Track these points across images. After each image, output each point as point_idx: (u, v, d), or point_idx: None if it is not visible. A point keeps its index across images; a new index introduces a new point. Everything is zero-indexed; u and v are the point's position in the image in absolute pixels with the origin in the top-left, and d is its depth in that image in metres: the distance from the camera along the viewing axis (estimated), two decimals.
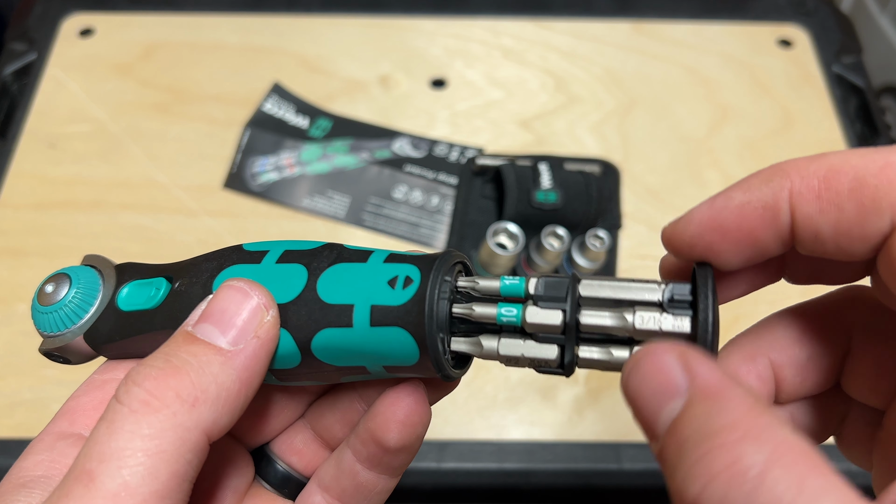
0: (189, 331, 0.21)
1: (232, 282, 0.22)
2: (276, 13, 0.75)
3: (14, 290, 0.58)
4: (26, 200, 0.62)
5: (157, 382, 0.19)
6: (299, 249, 0.24)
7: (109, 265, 0.26)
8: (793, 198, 0.19)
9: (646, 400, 0.17)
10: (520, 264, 0.58)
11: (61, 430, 0.22)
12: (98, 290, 0.25)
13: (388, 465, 0.25)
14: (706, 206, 0.20)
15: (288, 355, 0.22)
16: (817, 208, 0.18)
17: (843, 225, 0.18)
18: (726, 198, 0.20)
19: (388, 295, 0.21)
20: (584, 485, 0.51)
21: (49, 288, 0.24)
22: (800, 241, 0.19)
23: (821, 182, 0.18)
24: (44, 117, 0.67)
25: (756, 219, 0.19)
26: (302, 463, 0.27)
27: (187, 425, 0.19)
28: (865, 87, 0.71)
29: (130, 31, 0.73)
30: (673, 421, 0.17)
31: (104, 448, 0.18)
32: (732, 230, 0.20)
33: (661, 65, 0.73)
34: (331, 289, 0.22)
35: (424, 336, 0.21)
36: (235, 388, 0.20)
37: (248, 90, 0.69)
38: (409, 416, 0.24)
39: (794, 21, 0.77)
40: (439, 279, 0.21)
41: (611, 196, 0.63)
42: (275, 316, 0.22)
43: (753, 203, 0.19)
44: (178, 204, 0.62)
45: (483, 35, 0.75)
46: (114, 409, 0.19)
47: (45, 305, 0.24)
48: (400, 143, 0.67)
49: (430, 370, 0.22)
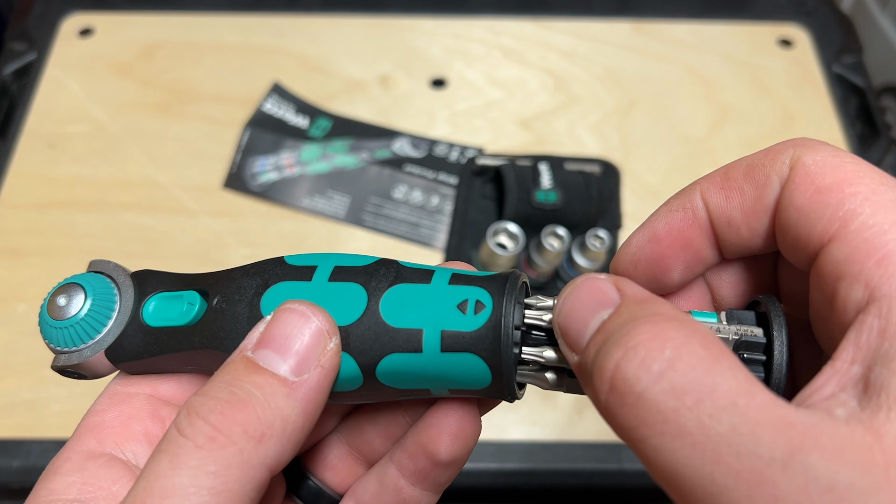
0: (250, 357, 0.20)
1: (291, 304, 0.21)
2: (276, 13, 0.75)
3: (14, 290, 0.58)
4: (26, 200, 0.62)
5: (223, 417, 0.18)
6: (352, 266, 0.23)
7: (124, 273, 0.24)
8: (703, 194, 0.21)
9: (577, 315, 0.19)
10: (520, 264, 0.58)
11: (89, 448, 0.21)
12: (115, 301, 0.23)
13: (434, 479, 0.24)
14: (638, 228, 0.23)
15: (350, 379, 0.21)
16: (724, 196, 0.21)
17: (746, 204, 0.20)
18: (653, 215, 0.22)
19: (460, 320, 0.21)
20: (584, 485, 0.51)
21: (61, 300, 0.23)
22: (720, 235, 0.21)
23: (721, 176, 0.21)
24: (43, 117, 0.67)
25: (680, 220, 0.21)
26: (336, 479, 0.26)
27: (253, 462, 0.18)
28: (866, 87, 0.71)
29: (130, 31, 0.73)
30: (602, 322, 0.18)
31: (167, 483, 0.17)
32: (665, 237, 0.22)
33: (662, 65, 0.73)
34: (396, 311, 0.21)
35: (500, 363, 0.20)
36: (300, 421, 0.19)
37: (247, 90, 0.69)
38: (461, 429, 0.23)
39: (795, 21, 0.76)
40: (513, 304, 0.21)
41: (611, 196, 0.63)
42: (337, 343, 0.21)
43: (674, 209, 0.22)
44: (178, 204, 0.62)
45: (483, 35, 0.75)
46: (176, 442, 0.18)
47: (59, 319, 0.22)
48: (400, 142, 0.66)
49: (498, 393, 0.22)
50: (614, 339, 0.17)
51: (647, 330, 0.17)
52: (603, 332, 0.18)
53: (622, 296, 0.19)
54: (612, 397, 0.17)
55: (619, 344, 0.17)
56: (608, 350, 0.17)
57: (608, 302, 0.19)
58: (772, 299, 0.21)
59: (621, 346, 0.17)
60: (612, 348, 0.17)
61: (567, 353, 0.19)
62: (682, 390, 0.16)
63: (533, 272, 0.58)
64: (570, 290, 0.20)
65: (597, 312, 0.19)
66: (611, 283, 0.19)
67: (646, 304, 0.18)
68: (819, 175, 0.19)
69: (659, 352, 0.16)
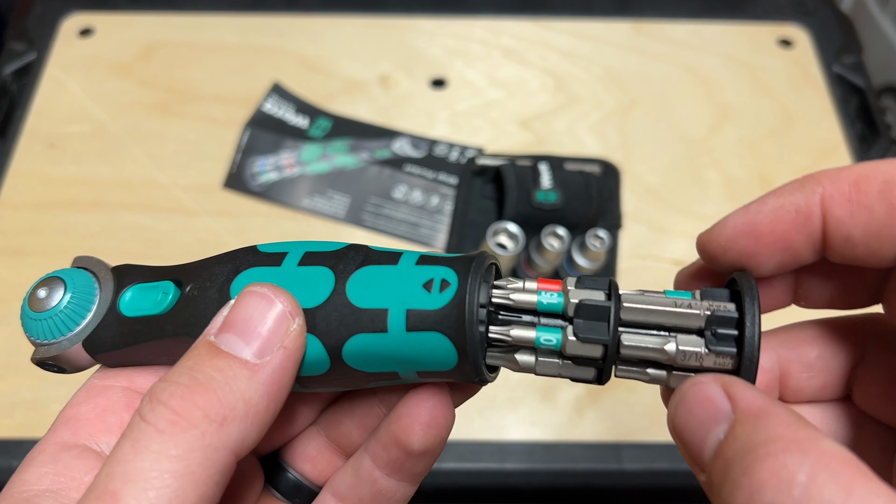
0: (212, 341, 0.20)
1: (254, 287, 0.21)
2: (276, 13, 0.75)
3: (14, 290, 0.58)
4: (26, 200, 0.62)
5: (184, 401, 0.18)
6: (322, 251, 0.22)
7: (105, 267, 0.24)
8: (825, 202, 0.19)
9: (693, 430, 0.18)
10: (520, 264, 0.58)
11: (63, 440, 0.21)
12: (94, 294, 0.23)
13: (409, 470, 0.24)
14: (740, 212, 0.21)
15: (316, 362, 0.21)
16: (848, 211, 0.19)
17: (872, 226, 0.19)
18: (760, 203, 0.20)
19: (425, 299, 0.20)
20: (584, 485, 0.51)
21: (42, 293, 0.23)
22: (831, 246, 0.20)
23: (851, 186, 0.19)
24: (43, 117, 0.67)
25: (789, 222, 0.20)
26: (315, 471, 0.26)
27: (216, 446, 0.18)
28: (866, 87, 0.71)
29: (130, 31, 0.73)
30: (719, 443, 0.17)
31: (129, 468, 0.17)
32: (766, 234, 0.20)
33: (662, 65, 0.73)
34: (362, 292, 0.21)
35: (465, 341, 0.20)
36: (263, 403, 0.19)
37: (247, 90, 0.69)
38: (433, 418, 0.23)
39: (795, 21, 0.76)
40: (478, 282, 0.20)
41: (611, 196, 0.63)
42: (301, 324, 0.21)
43: (787, 207, 0.20)
44: (178, 204, 0.62)
45: (483, 35, 0.75)
46: (138, 427, 0.18)
47: (38, 311, 0.23)
48: (400, 142, 0.66)
49: (466, 375, 0.21)
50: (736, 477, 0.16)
51: (767, 467, 0.15)
52: (723, 460, 0.17)
53: (735, 408, 0.17)
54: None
55: (740, 485, 0.16)
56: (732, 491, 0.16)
57: (721, 416, 0.18)
58: (746, 275, 0.20)
59: (744, 489, 0.15)
60: (735, 489, 0.16)
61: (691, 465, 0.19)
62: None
63: (533, 272, 0.58)
64: (679, 399, 0.19)
65: (712, 429, 0.18)
66: (720, 390, 0.18)
67: (761, 423, 0.17)
68: None
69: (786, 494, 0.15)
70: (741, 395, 0.18)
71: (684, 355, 0.20)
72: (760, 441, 0.16)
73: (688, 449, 0.18)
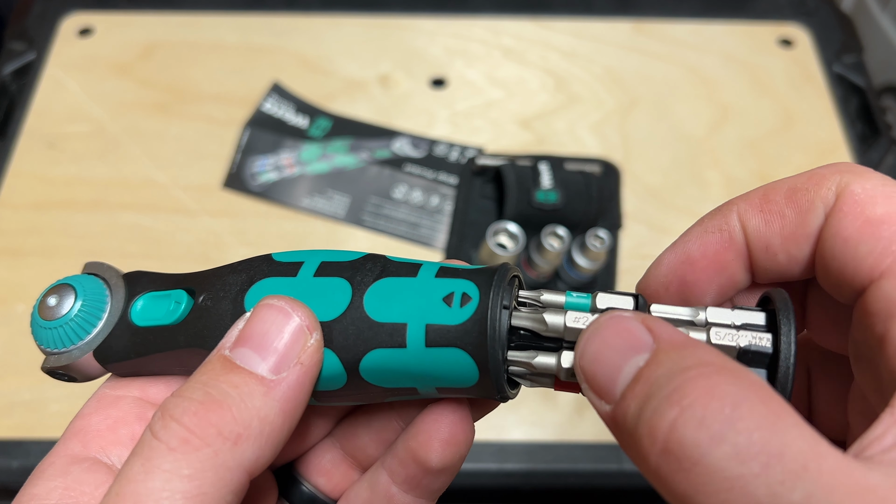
0: (227, 355, 0.19)
1: (270, 300, 0.20)
2: (276, 12, 0.75)
3: (13, 290, 0.57)
4: (25, 200, 0.62)
5: (198, 418, 0.18)
6: (338, 261, 0.22)
7: (116, 274, 0.24)
8: (741, 217, 0.20)
9: (606, 359, 0.17)
10: (520, 264, 0.58)
11: (73, 452, 0.21)
12: (105, 302, 0.23)
13: (426, 487, 0.23)
14: (669, 250, 0.22)
15: (333, 377, 0.21)
16: (763, 220, 0.20)
17: (787, 230, 0.20)
18: (686, 235, 0.21)
19: (445, 313, 0.20)
20: (584, 485, 0.51)
21: (52, 300, 0.22)
22: (756, 261, 0.20)
23: (761, 199, 0.20)
24: (43, 117, 0.67)
25: (716, 243, 0.21)
26: (329, 484, 0.25)
27: (229, 465, 0.17)
28: (866, 87, 0.71)
29: (129, 31, 0.73)
30: (638, 370, 0.17)
31: (139, 488, 0.17)
32: (699, 259, 0.21)
33: (662, 64, 0.73)
34: (380, 306, 0.20)
35: (486, 358, 0.19)
36: (279, 421, 0.19)
37: (247, 90, 0.69)
38: (452, 435, 0.22)
39: (795, 20, 0.76)
40: (500, 296, 0.20)
41: (611, 196, 0.63)
42: (318, 339, 0.20)
43: (709, 230, 0.21)
44: (178, 204, 0.62)
45: (483, 35, 0.75)
46: (150, 444, 0.18)
47: (48, 320, 0.22)
48: (400, 142, 0.66)
49: (488, 392, 0.20)
50: (664, 395, 0.15)
51: (700, 385, 0.15)
52: (644, 383, 0.16)
53: (656, 339, 0.17)
54: (665, 461, 0.15)
55: (670, 401, 0.15)
56: (659, 408, 0.15)
57: (641, 346, 0.17)
58: (783, 297, 0.19)
59: (674, 404, 0.15)
60: (663, 406, 0.15)
61: (594, 400, 0.18)
62: (747, 454, 0.14)
63: (533, 272, 0.58)
64: (592, 331, 0.18)
65: (629, 357, 0.17)
66: (640, 324, 0.18)
67: (687, 351, 0.16)
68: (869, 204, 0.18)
69: (718, 411, 0.15)
70: (662, 328, 0.17)
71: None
72: (690, 364, 0.16)
73: (596, 380, 0.18)
